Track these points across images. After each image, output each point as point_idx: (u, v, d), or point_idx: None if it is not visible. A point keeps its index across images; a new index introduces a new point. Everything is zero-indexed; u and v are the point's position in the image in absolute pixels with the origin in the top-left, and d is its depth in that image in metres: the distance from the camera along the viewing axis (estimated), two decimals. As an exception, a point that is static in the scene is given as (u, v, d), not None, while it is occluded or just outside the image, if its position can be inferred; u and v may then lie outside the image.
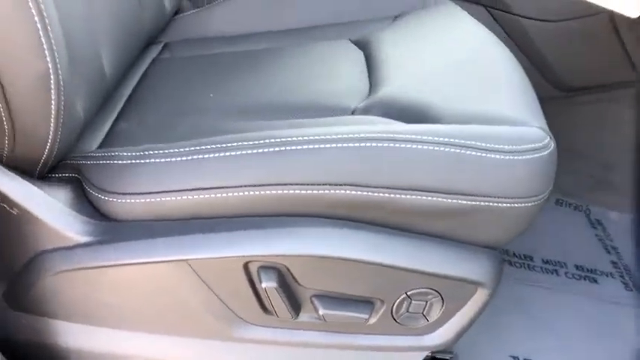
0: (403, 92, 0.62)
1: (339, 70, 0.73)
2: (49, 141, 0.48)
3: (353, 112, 0.63)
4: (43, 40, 0.42)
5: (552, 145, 0.51)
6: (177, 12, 0.92)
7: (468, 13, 0.93)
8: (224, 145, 0.49)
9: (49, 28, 0.42)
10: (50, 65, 0.43)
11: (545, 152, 0.50)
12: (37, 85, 0.43)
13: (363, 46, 0.78)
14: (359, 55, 0.76)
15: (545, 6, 0.95)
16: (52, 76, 0.44)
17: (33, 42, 0.41)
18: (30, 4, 0.40)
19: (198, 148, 0.49)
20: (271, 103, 0.67)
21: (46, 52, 0.42)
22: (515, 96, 0.59)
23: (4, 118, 0.45)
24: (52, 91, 0.44)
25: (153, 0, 0.81)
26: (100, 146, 0.62)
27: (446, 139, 0.48)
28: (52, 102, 0.45)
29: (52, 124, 0.47)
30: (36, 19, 0.41)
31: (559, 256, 0.98)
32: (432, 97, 0.59)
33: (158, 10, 0.84)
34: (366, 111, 0.62)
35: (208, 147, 0.49)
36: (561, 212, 1.08)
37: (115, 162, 0.51)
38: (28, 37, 0.41)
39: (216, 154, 0.49)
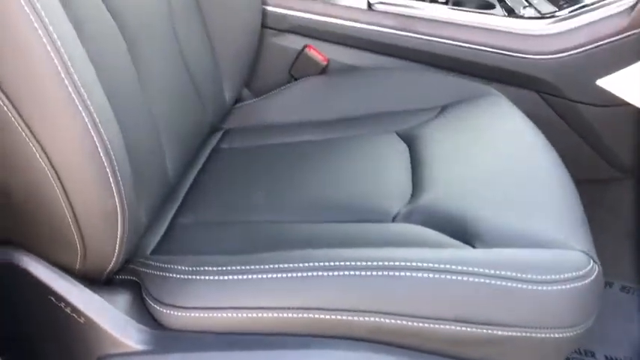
0: (445, 201, 0.64)
1: (384, 168, 0.76)
2: (115, 254, 0.54)
3: (394, 218, 0.65)
4: (111, 180, 0.47)
5: (596, 270, 0.51)
6: (237, 101, 0.99)
7: (520, 97, 0.95)
8: (274, 266, 0.52)
9: (116, 168, 0.48)
10: (118, 203, 0.48)
11: (588, 280, 0.50)
12: (106, 217, 0.49)
13: (409, 140, 0.81)
14: (404, 149, 0.79)
15: (597, 90, 0.94)
16: (119, 210, 0.49)
17: (102, 183, 0.47)
18: (100, 154, 0.46)
19: (246, 267, 0.53)
20: (317, 202, 0.71)
21: (114, 191, 0.48)
22: (560, 212, 0.59)
23: (77, 242, 0.51)
24: (119, 221, 0.50)
25: (213, 94, 0.88)
26: (160, 242, 0.68)
27: (483, 270, 0.49)
28: (119, 227, 0.51)
29: (117, 242, 0.53)
30: (105, 163, 0.46)
31: (625, 350, 0.93)
32: (474, 209, 0.60)
33: (218, 102, 0.91)
34: (407, 217, 0.64)
35: (257, 267, 0.53)
36: (627, 300, 1.02)
37: (171, 275, 0.55)
38: (97, 180, 0.47)
39: (265, 276, 0.52)
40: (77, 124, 0.45)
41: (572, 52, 0.90)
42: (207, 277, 0.54)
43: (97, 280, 0.57)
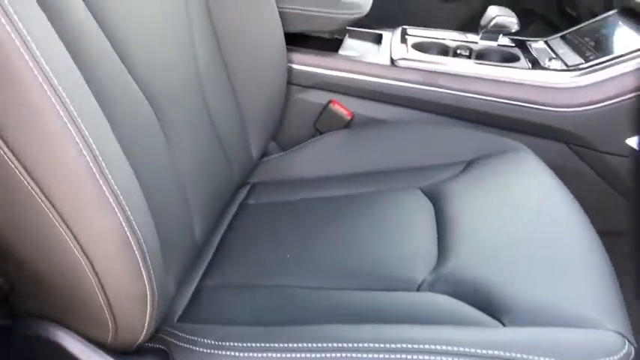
0: (471, 268, 0.63)
1: (409, 229, 0.75)
2: (145, 329, 0.55)
3: (420, 286, 0.64)
4: (142, 269, 0.49)
5: (632, 352, 0.49)
6: (263, 154, 1.01)
7: (548, 149, 0.94)
8: (300, 345, 0.52)
9: (147, 256, 0.49)
10: (148, 287, 0.50)
11: (623, 364, 0.48)
12: (137, 300, 0.51)
13: (434, 197, 0.80)
14: (429, 208, 0.79)
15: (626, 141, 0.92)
16: (149, 293, 0.50)
17: (133, 272, 0.49)
18: (133, 246, 0.47)
19: (272, 345, 0.53)
20: (343, 267, 0.71)
21: (145, 278, 0.49)
22: (591, 285, 0.57)
23: (109, 320, 0.52)
24: (149, 302, 0.51)
25: (240, 150, 0.90)
26: (187, 308, 0.69)
27: (514, 355, 0.48)
28: (149, 306, 0.52)
29: (147, 319, 0.54)
30: (137, 254, 0.48)
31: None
32: (501, 279, 0.60)
33: (245, 158, 0.93)
34: (433, 286, 0.63)
35: (282, 346, 0.53)
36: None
37: (197, 348, 0.56)
38: (128, 269, 0.48)
39: (291, 355, 0.52)
40: (109, 220, 0.46)
41: (600, 104, 0.89)
42: (232, 353, 0.54)
43: (127, 351, 0.58)
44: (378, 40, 1.14)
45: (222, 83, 0.88)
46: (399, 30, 1.13)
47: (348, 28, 1.11)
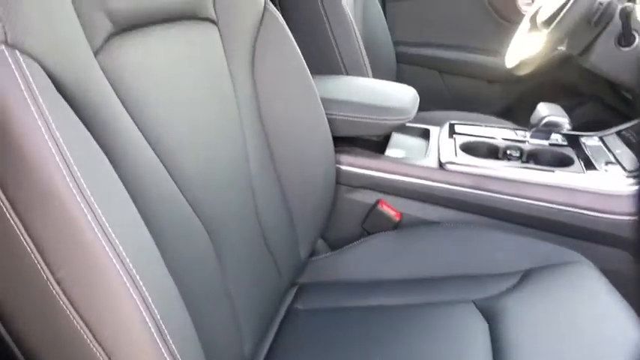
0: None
1: (463, 350, 0.73)
2: None
3: None
4: None
5: None
6: (312, 253, 1.01)
7: (607, 256, 0.90)
8: None
9: None
10: None
11: None
12: None
13: (489, 315, 0.78)
14: (484, 327, 0.76)
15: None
16: None
17: None
18: None
19: None
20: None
21: None
22: None
23: None
24: None
25: (288, 253, 0.91)
26: None
27: None
28: None
29: None
30: None
31: None
32: None
33: (293, 260, 0.93)
34: None
35: None
36: None
37: None
38: None
39: None
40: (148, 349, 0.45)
41: (662, 212, 0.85)
42: None
43: None
44: (425, 135, 1.15)
45: (273, 188, 0.90)
46: (446, 126, 1.14)
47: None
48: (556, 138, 1.06)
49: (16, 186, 0.41)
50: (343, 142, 1.03)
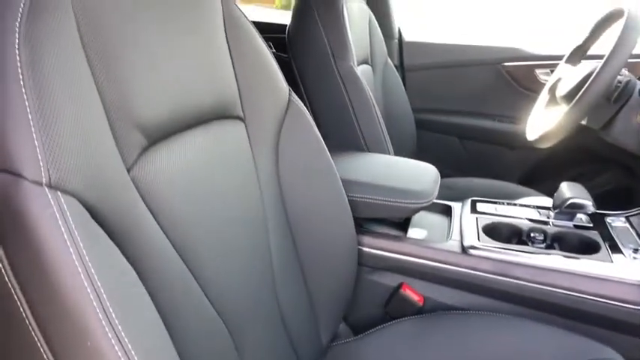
0: None
1: None
2: None
3: None
4: None
5: None
6: (334, 337, 0.99)
7: (638, 349, 0.86)
8: None
9: None
10: None
11: None
12: None
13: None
14: None
15: None
16: None
17: None
18: None
19: None
20: None
21: None
22: None
23: None
24: None
25: (308, 339, 0.89)
26: None
27: None
28: None
29: None
30: None
31: None
32: None
33: (314, 347, 0.92)
34: None
35: None
36: None
37: None
38: None
39: None
40: None
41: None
42: None
43: None
44: (447, 212, 1.14)
45: (295, 275, 0.90)
46: (468, 203, 1.14)
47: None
48: (580, 217, 1.05)
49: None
50: (364, 221, 1.04)
